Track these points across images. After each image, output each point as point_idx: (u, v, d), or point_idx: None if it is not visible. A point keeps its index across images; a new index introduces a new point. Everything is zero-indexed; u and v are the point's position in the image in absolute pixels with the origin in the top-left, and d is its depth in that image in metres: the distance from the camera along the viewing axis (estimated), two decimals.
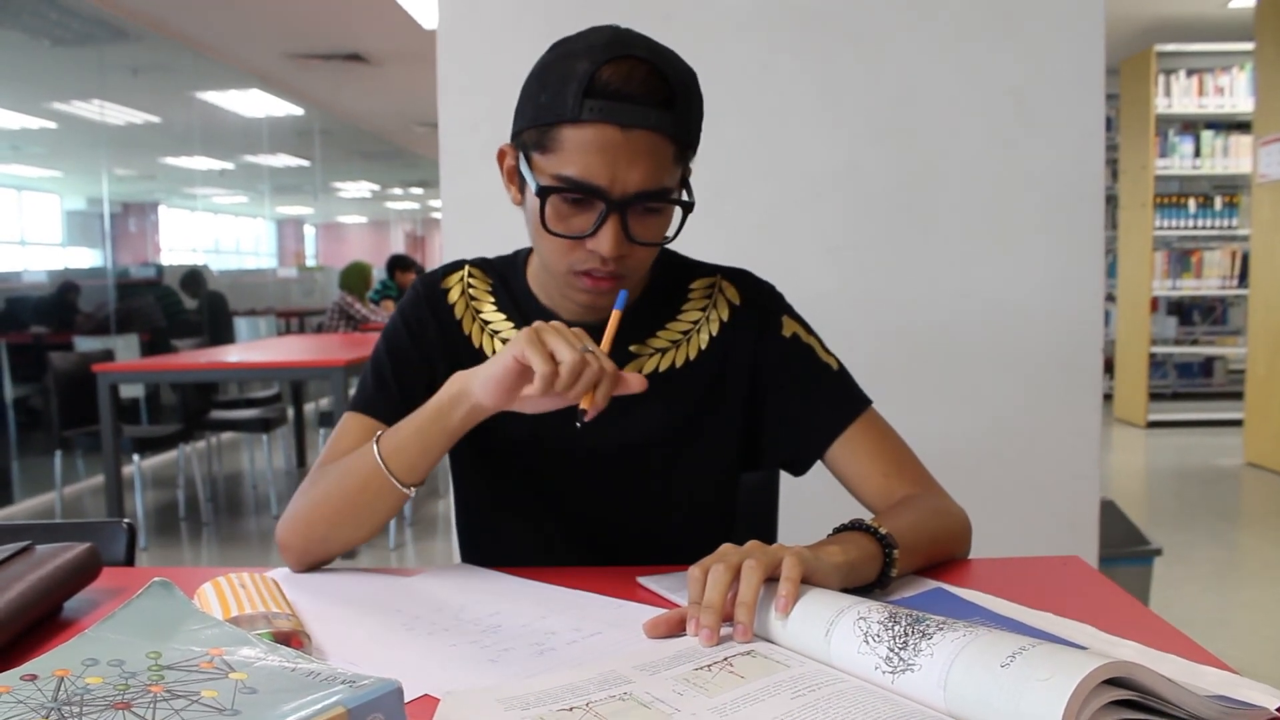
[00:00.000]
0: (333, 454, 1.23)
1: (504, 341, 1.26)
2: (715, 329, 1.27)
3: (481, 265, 1.33)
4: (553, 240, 1.11)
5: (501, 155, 1.18)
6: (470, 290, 1.30)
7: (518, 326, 1.26)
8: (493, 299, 1.29)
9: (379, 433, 1.15)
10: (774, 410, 1.26)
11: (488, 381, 1.06)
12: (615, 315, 1.11)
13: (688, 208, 1.14)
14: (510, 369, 1.04)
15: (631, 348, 1.25)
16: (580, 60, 1.06)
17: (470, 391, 1.09)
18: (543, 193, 1.09)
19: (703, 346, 1.26)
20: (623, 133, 1.05)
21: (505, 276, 1.31)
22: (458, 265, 1.33)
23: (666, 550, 1.21)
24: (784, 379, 1.25)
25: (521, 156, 1.13)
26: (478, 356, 1.26)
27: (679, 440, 1.26)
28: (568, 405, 1.04)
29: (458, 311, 1.29)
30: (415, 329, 1.28)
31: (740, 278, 1.31)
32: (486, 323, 1.28)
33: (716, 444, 1.27)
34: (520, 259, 1.31)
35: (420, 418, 1.12)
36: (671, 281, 1.28)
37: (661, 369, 1.25)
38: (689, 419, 1.26)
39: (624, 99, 1.05)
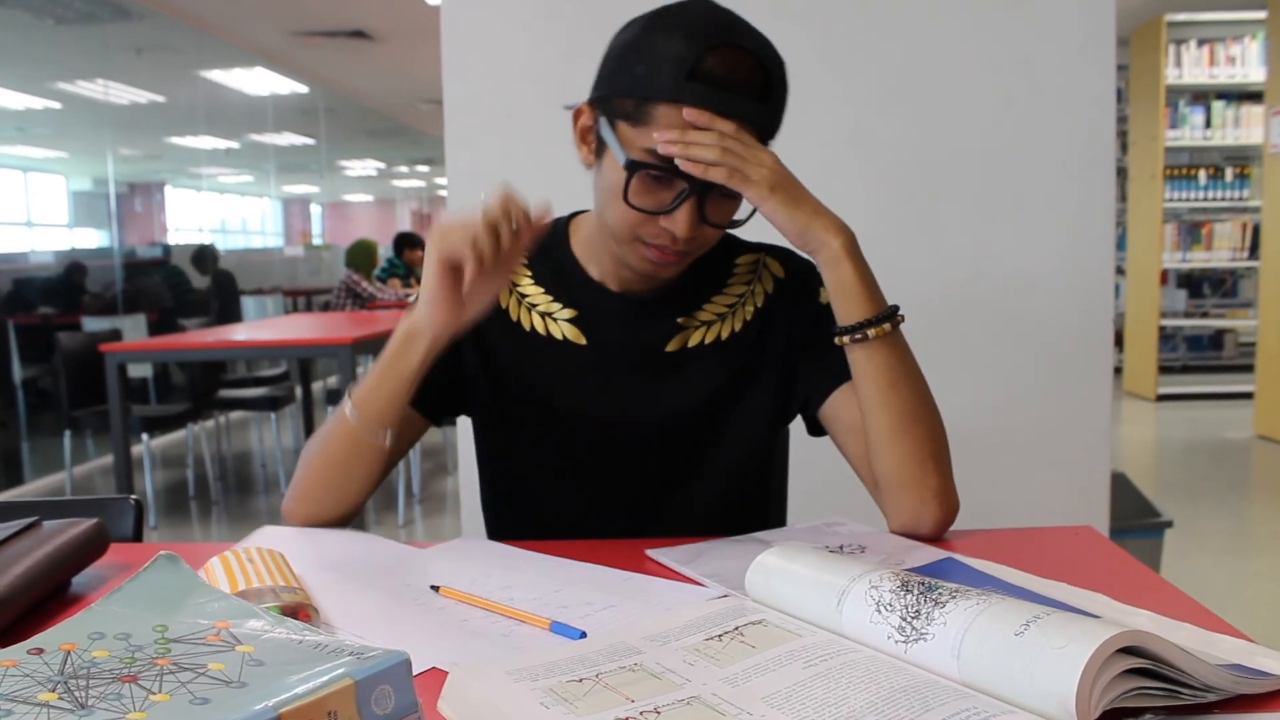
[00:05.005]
0: None
1: (542, 315, 1.26)
2: (760, 301, 1.27)
3: None
4: (627, 211, 1.11)
5: (578, 114, 1.17)
6: None
7: (557, 298, 1.26)
8: (529, 272, 1.29)
9: (350, 386, 1.18)
10: (799, 366, 1.26)
11: (430, 308, 1.09)
12: None
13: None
14: (441, 278, 1.06)
15: (679, 320, 1.25)
16: (684, 39, 1.06)
17: (418, 331, 1.11)
18: (631, 166, 1.09)
19: (748, 319, 1.26)
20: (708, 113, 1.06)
21: (545, 247, 1.29)
22: None
23: (702, 520, 1.23)
24: (810, 338, 1.24)
25: (605, 122, 1.12)
26: (515, 329, 1.26)
27: (720, 411, 1.26)
28: (499, 285, 1.12)
29: None
30: None
31: (784, 254, 1.30)
32: (524, 296, 1.27)
33: (755, 412, 1.27)
34: (561, 227, 1.30)
35: (381, 365, 1.14)
36: (717, 257, 1.27)
37: (708, 341, 1.25)
38: (731, 389, 1.26)
39: (725, 88, 1.06)
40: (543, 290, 1.27)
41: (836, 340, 1.14)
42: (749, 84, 1.07)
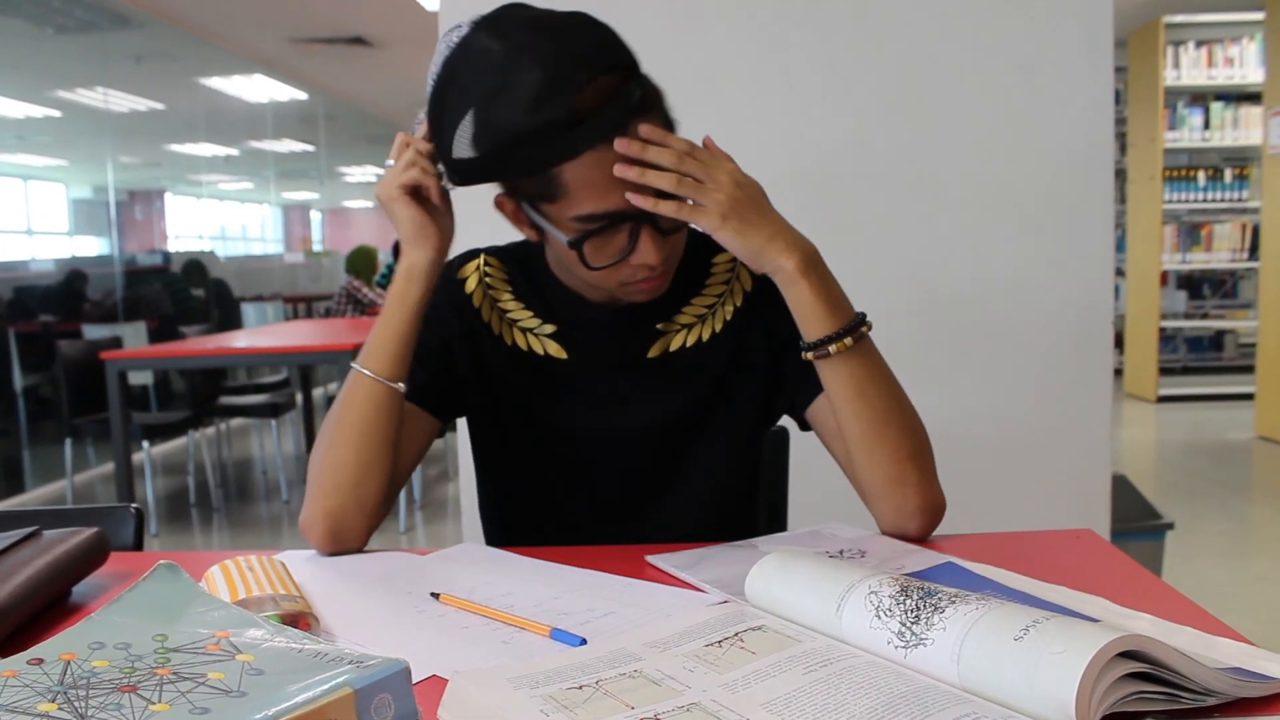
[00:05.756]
0: None
1: (523, 331, 1.26)
2: (739, 300, 1.27)
3: (497, 254, 1.31)
4: (596, 274, 1.12)
5: (500, 205, 1.16)
6: (487, 279, 1.29)
7: (538, 314, 1.26)
8: (510, 288, 1.29)
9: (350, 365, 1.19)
10: (782, 370, 1.25)
11: (412, 239, 1.15)
12: None
13: None
14: (412, 207, 1.14)
15: (658, 325, 1.25)
16: (540, 92, 1.01)
17: (414, 264, 1.15)
18: (575, 243, 1.08)
19: (727, 318, 1.26)
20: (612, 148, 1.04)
21: (523, 263, 1.29)
22: (473, 254, 1.32)
23: (693, 523, 1.23)
24: (790, 342, 1.23)
25: (528, 206, 1.12)
26: (498, 343, 1.26)
27: (706, 412, 1.26)
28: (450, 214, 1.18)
29: (476, 300, 1.28)
30: (433, 320, 1.26)
31: None
32: (505, 312, 1.27)
33: (741, 412, 1.27)
34: (537, 244, 1.30)
35: (385, 311, 1.17)
36: (694, 258, 1.27)
37: (689, 344, 1.25)
38: (716, 390, 1.26)
39: (601, 110, 1.02)
40: (523, 306, 1.27)
41: (802, 356, 1.13)
42: (621, 93, 1.04)
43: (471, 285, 1.29)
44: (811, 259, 1.09)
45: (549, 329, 1.26)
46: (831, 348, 1.10)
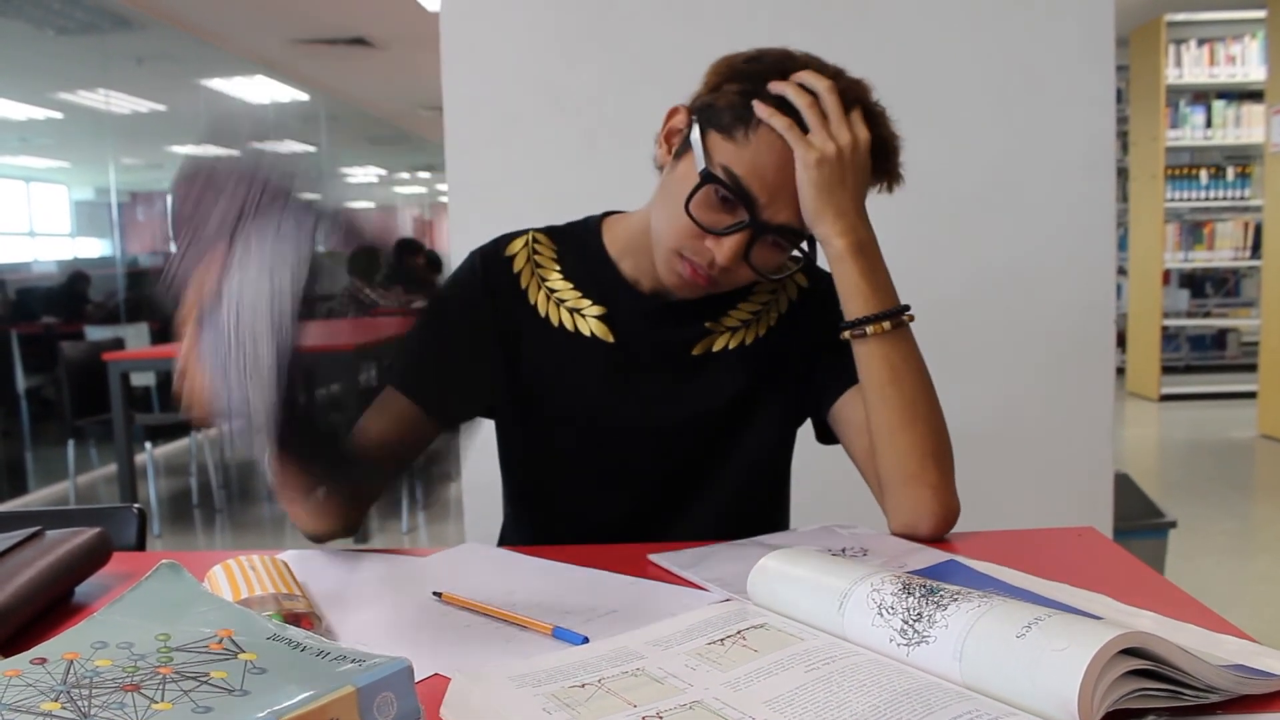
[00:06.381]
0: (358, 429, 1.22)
1: (570, 311, 1.25)
2: (784, 308, 1.28)
3: (548, 232, 1.31)
4: (681, 217, 1.11)
5: (672, 113, 1.17)
6: (536, 257, 1.28)
7: (586, 294, 1.26)
8: (559, 266, 1.28)
9: None
10: (814, 368, 1.26)
11: None
12: None
13: (806, 259, 1.18)
14: None
15: (707, 324, 1.26)
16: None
17: None
18: (707, 176, 1.09)
19: (771, 324, 1.27)
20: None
21: (576, 243, 1.29)
22: (521, 231, 1.31)
23: (721, 521, 1.23)
24: (826, 344, 1.23)
25: (697, 126, 1.12)
26: (543, 325, 1.26)
27: (740, 415, 1.26)
28: None
29: (524, 280, 1.27)
30: (465, 304, 1.26)
31: (808, 264, 1.30)
32: (553, 290, 1.27)
33: (772, 417, 1.28)
34: (593, 225, 1.30)
35: None
36: None
37: (732, 346, 1.26)
38: (751, 395, 1.26)
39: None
40: (572, 286, 1.26)
41: (841, 335, 1.15)
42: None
43: (520, 263, 1.28)
44: (863, 244, 1.14)
45: (597, 310, 1.25)
46: (869, 328, 1.12)
